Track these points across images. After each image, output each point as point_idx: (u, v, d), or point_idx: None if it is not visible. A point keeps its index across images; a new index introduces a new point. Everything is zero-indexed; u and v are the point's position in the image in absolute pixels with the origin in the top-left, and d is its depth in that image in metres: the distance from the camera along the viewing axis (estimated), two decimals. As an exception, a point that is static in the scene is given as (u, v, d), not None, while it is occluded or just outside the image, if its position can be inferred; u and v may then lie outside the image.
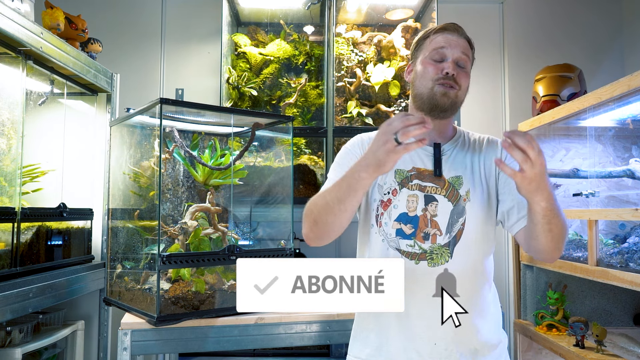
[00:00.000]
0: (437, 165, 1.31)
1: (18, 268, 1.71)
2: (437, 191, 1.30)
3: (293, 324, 1.80)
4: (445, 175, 1.31)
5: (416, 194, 1.31)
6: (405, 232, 1.28)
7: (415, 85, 1.35)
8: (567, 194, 2.25)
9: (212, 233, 1.95)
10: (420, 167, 1.33)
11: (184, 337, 1.73)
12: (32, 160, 1.98)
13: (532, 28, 2.89)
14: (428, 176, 1.32)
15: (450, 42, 1.31)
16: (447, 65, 1.29)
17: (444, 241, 1.27)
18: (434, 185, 1.31)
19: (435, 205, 1.29)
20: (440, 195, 1.30)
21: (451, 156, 1.34)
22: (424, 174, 1.32)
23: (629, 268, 1.63)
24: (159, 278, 1.68)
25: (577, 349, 1.87)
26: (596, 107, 1.86)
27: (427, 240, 1.27)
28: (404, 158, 1.33)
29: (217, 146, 2.13)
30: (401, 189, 1.32)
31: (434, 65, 1.31)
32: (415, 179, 1.32)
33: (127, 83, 2.59)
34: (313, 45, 2.72)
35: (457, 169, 1.32)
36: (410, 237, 1.28)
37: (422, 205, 1.30)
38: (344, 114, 2.62)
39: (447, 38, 1.32)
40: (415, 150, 1.34)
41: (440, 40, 1.32)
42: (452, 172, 1.32)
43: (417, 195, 1.31)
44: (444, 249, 1.27)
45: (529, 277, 2.31)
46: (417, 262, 1.26)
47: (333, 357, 2.56)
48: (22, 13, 1.71)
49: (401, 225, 1.29)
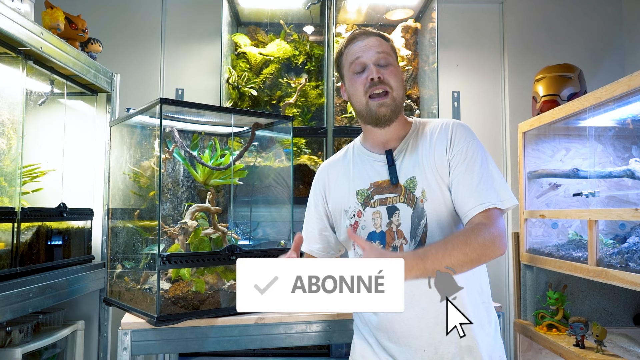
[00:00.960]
0: (392, 173, 1.30)
1: (18, 268, 1.71)
2: (397, 200, 1.29)
3: (293, 324, 1.80)
4: (401, 181, 1.29)
5: (378, 209, 1.31)
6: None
7: (353, 103, 1.35)
8: (567, 194, 2.25)
9: (212, 233, 1.95)
10: (378, 180, 1.33)
11: (184, 337, 1.73)
12: (32, 160, 1.98)
13: (532, 28, 2.89)
14: (387, 187, 1.31)
15: (362, 48, 1.31)
16: (369, 72, 1.28)
17: (411, 248, 1.25)
18: (393, 195, 1.29)
19: (398, 214, 1.28)
20: (401, 203, 1.28)
21: (404, 159, 1.32)
22: (382, 186, 1.32)
23: (629, 268, 1.63)
24: (159, 278, 1.68)
25: (577, 349, 1.87)
26: (596, 107, 1.86)
27: (396, 252, 1.26)
28: (361, 178, 1.35)
29: (217, 146, 2.13)
30: (364, 208, 1.33)
31: (359, 79, 1.30)
32: (374, 195, 1.32)
33: (127, 83, 2.59)
34: (313, 45, 2.72)
35: (409, 170, 1.30)
36: None
37: (387, 219, 1.29)
38: (344, 114, 2.62)
39: (358, 46, 1.32)
40: (371, 163, 1.35)
41: (354, 50, 1.32)
42: (406, 175, 1.30)
43: (379, 210, 1.30)
44: None
45: (529, 277, 2.31)
46: None
47: (333, 357, 2.56)
48: (22, 13, 1.70)
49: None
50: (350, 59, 1.32)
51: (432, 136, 1.31)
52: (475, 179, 1.22)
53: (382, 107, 1.27)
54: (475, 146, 1.27)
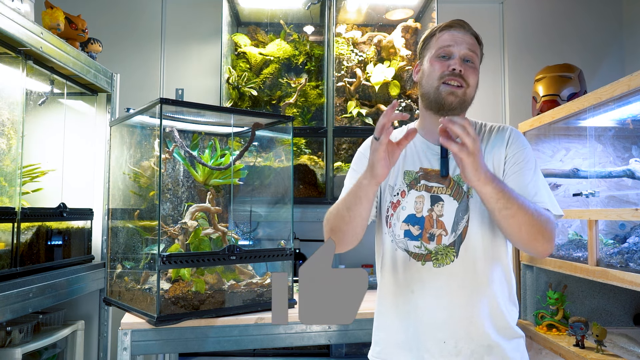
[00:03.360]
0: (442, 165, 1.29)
1: (18, 268, 1.71)
2: (442, 191, 1.30)
3: (293, 324, 1.80)
4: (451, 174, 1.29)
5: (423, 194, 1.30)
6: (412, 233, 1.29)
7: (422, 84, 1.34)
8: (567, 194, 2.25)
9: (212, 233, 1.95)
10: (427, 168, 1.33)
11: (184, 337, 1.73)
12: (32, 160, 1.98)
13: (532, 28, 2.89)
14: (434, 176, 1.31)
15: (456, 38, 1.30)
16: (454, 62, 1.27)
17: (449, 241, 1.27)
18: (439, 185, 1.30)
19: (442, 205, 1.29)
20: (446, 195, 1.29)
21: None
22: (430, 175, 1.32)
23: (629, 268, 1.63)
24: (159, 278, 1.68)
25: (577, 349, 1.87)
26: (596, 107, 1.86)
27: (432, 241, 1.27)
28: (412, 160, 1.34)
29: (217, 146, 2.13)
30: (409, 190, 1.32)
31: (440, 63, 1.29)
32: (422, 180, 1.32)
33: (127, 83, 2.58)
34: (313, 45, 2.72)
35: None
36: (417, 238, 1.28)
37: (429, 205, 1.29)
38: (344, 114, 2.62)
39: (453, 35, 1.30)
40: (423, 151, 1.35)
41: (446, 37, 1.30)
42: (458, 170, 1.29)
43: (424, 196, 1.30)
44: (449, 248, 1.26)
45: (529, 277, 2.31)
46: (424, 263, 1.27)
47: (333, 357, 2.56)
48: (22, 13, 1.71)
49: (409, 226, 1.30)
50: (442, 43, 1.30)
51: (489, 136, 1.34)
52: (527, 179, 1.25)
53: (451, 95, 1.27)
54: (530, 153, 1.30)
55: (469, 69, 1.28)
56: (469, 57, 1.29)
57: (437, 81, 1.28)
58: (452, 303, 1.26)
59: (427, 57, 1.34)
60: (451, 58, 1.28)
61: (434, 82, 1.29)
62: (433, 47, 1.33)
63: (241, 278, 1.97)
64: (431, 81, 1.30)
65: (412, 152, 1.36)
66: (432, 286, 1.26)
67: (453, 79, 1.26)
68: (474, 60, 1.31)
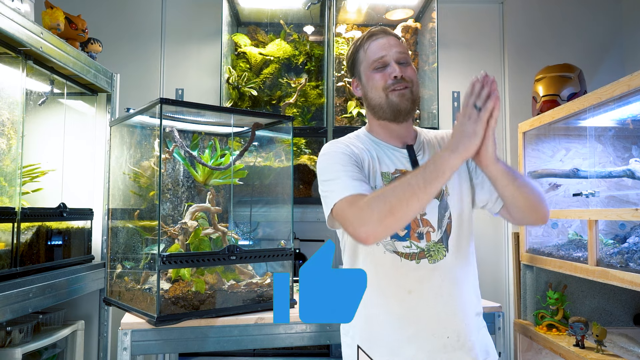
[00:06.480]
0: (414, 166, 1.33)
1: (18, 268, 1.71)
2: None
3: (293, 324, 1.80)
4: None
5: None
6: (399, 234, 1.29)
7: (370, 97, 1.36)
8: (567, 194, 2.25)
9: (212, 233, 1.95)
10: (402, 169, 1.34)
11: (184, 337, 1.73)
12: (32, 160, 1.98)
13: (532, 28, 2.89)
14: None
15: (384, 46, 1.33)
16: (392, 69, 1.31)
17: (437, 237, 1.30)
18: None
19: None
20: None
21: (425, 154, 1.37)
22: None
23: (629, 268, 1.63)
24: (159, 278, 1.68)
25: (577, 349, 1.87)
26: (596, 107, 1.86)
27: (422, 239, 1.29)
28: (385, 162, 1.35)
29: (217, 146, 2.13)
30: None
31: (380, 74, 1.32)
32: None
33: (127, 83, 2.58)
34: (313, 45, 2.72)
35: None
36: (404, 238, 1.29)
37: None
38: (344, 114, 2.62)
39: (379, 44, 1.34)
40: (391, 152, 1.36)
41: (374, 49, 1.34)
42: None
43: None
44: (439, 244, 1.29)
45: (529, 277, 2.31)
46: (418, 262, 1.28)
47: (333, 357, 2.56)
48: (22, 13, 1.71)
49: None
50: (373, 55, 1.33)
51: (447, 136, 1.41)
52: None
53: (402, 99, 1.31)
54: None
55: (406, 69, 1.33)
56: (402, 58, 1.33)
57: (384, 91, 1.31)
58: (451, 297, 1.28)
59: (362, 72, 1.37)
60: (388, 66, 1.32)
61: (381, 93, 1.32)
62: (364, 61, 1.36)
63: (241, 278, 1.97)
64: (378, 93, 1.33)
65: (383, 156, 1.35)
66: (431, 283, 1.27)
67: (398, 84, 1.30)
68: (407, 58, 1.35)
